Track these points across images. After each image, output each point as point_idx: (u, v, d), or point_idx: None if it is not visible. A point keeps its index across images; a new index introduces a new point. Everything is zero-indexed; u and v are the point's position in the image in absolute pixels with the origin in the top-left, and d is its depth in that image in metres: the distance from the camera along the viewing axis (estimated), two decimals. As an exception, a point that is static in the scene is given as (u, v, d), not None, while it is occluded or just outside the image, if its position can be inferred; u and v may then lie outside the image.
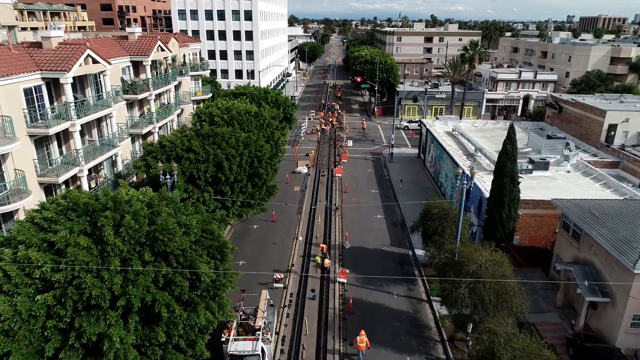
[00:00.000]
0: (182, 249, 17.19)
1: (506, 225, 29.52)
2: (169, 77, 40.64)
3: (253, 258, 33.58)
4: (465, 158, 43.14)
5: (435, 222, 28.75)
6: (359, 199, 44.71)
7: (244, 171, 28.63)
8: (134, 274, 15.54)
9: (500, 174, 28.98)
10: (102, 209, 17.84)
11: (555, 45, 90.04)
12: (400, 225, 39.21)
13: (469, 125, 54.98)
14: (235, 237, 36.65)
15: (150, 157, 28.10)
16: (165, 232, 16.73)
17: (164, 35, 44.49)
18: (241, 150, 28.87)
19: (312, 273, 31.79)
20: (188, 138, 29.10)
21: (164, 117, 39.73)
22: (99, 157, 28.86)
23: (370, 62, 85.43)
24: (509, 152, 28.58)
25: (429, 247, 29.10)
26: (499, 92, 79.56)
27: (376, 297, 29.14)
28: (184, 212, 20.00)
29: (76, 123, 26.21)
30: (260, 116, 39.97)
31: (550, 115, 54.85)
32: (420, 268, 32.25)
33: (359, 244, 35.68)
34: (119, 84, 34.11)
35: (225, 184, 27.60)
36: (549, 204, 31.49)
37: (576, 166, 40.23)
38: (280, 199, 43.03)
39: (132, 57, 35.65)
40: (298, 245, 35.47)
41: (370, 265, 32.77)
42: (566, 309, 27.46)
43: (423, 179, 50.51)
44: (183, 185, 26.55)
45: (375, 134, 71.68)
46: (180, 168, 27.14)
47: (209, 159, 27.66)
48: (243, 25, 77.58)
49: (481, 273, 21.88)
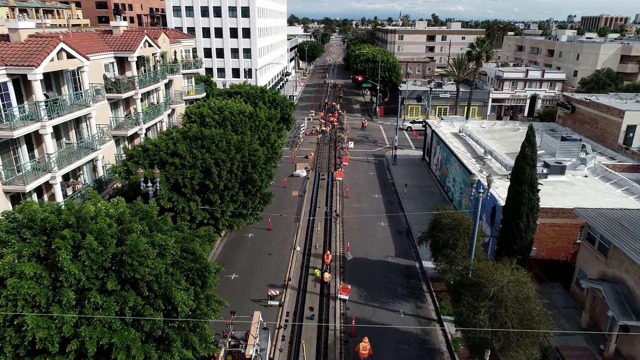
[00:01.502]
0: (155, 274, 14.51)
1: (524, 236, 26.81)
2: (157, 75, 37.94)
3: (246, 270, 30.89)
4: (474, 161, 40.41)
5: (446, 234, 26.07)
6: (361, 204, 42.00)
7: (236, 177, 25.93)
8: (91, 309, 12.85)
9: (518, 180, 26.26)
10: (63, 226, 15.16)
11: (563, 43, 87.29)
12: (406, 234, 36.50)
13: (476, 126, 52.27)
14: (228, 248, 33.96)
15: (131, 162, 25.40)
16: (134, 254, 14.04)
17: (152, 31, 41.81)
18: (232, 155, 26.17)
19: (311, 288, 29.09)
20: (174, 141, 26.41)
21: (152, 117, 37.04)
22: (76, 162, 26.12)
23: (371, 60, 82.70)
24: (528, 156, 25.87)
25: (439, 260, 26.47)
26: (505, 92, 76.84)
27: (381, 316, 26.44)
28: (162, 228, 17.33)
29: (47, 124, 23.49)
30: (255, 117, 37.29)
31: (561, 116, 52.14)
32: (429, 282, 29.54)
33: (361, 255, 32.98)
34: (101, 81, 31.43)
35: (213, 192, 24.89)
36: (569, 212, 28.80)
37: (594, 170, 37.51)
38: (277, 204, 40.37)
39: (116, 53, 32.95)
40: (296, 256, 32.77)
41: (374, 279, 30.07)
42: (593, 331, 24.74)
43: (428, 182, 47.80)
44: (167, 194, 23.86)
45: (377, 135, 68.97)
46: (164, 174, 24.46)
47: (196, 164, 24.95)
48: (240, 22, 74.90)
49: (503, 296, 19.19)
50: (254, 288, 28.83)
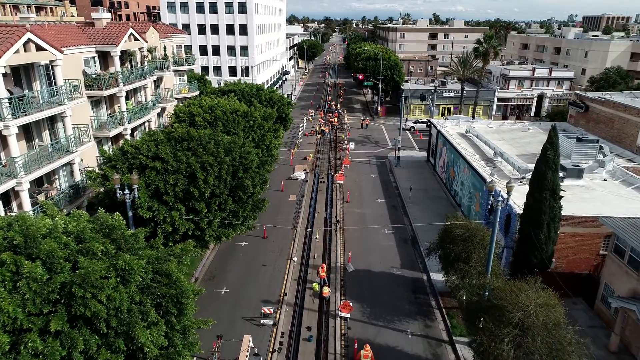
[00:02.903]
0: (115, 307, 11.90)
1: (544, 248, 24.19)
2: (144, 71, 35.32)
3: (238, 284, 28.28)
4: (483, 163, 37.78)
5: (458, 246, 23.42)
6: (363, 210, 39.37)
7: (225, 183, 23.30)
8: (29, 355, 10.24)
9: (538, 186, 23.63)
10: (8, 247, 12.57)
11: (570, 40, 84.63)
12: (412, 242, 33.87)
13: (483, 126, 49.61)
14: (220, 258, 31.35)
15: (108, 166, 22.79)
16: (86, 284, 11.43)
17: (140, 24, 39.22)
18: (222, 158, 23.55)
19: (309, 304, 26.47)
20: (156, 143, 23.78)
21: (139, 117, 34.41)
22: (47, 166, 23.50)
23: (373, 58, 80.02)
24: (550, 159, 23.23)
25: (450, 275, 23.87)
26: (511, 91, 74.22)
27: (386, 336, 23.81)
28: (132, 246, 14.72)
29: (11, 125, 20.86)
30: (249, 116, 34.70)
31: (573, 115, 49.47)
32: (438, 297, 26.91)
33: (363, 266, 30.36)
34: (80, 77, 28.82)
35: (199, 200, 22.26)
36: (592, 221, 26.26)
37: (613, 173, 34.88)
38: (274, 210, 37.79)
39: (97, 47, 30.34)
40: (292, 268, 30.16)
41: (378, 293, 27.45)
42: (623, 356, 22.14)
43: (434, 186, 45.17)
44: (146, 202, 21.24)
45: (379, 135, 66.32)
46: (143, 180, 21.84)
47: (180, 168, 22.33)
48: (237, 19, 72.28)
49: (530, 323, 16.58)
50: (245, 304, 26.22)
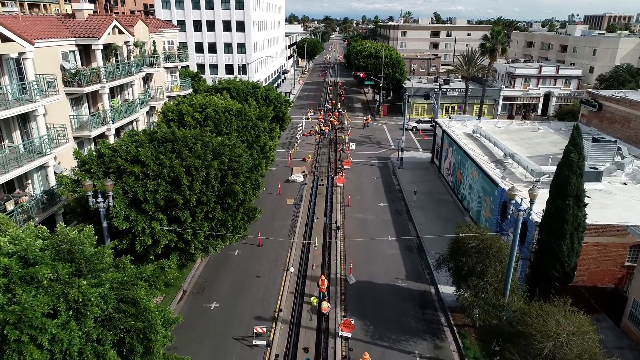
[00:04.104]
0: (63, 350, 9.55)
1: (566, 261, 21.84)
2: (131, 67, 32.96)
3: (230, 298, 25.92)
4: (493, 165, 35.41)
5: (472, 259, 21.11)
6: (365, 215, 37.00)
7: (212, 189, 20.95)
8: None
9: (561, 192, 21.25)
10: None
11: (577, 38, 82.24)
12: (417, 251, 31.50)
13: (491, 126, 47.21)
14: (210, 268, 29.00)
15: (81, 170, 20.44)
16: (24, 324, 9.07)
17: (127, 17, 36.89)
18: (209, 161, 21.20)
19: (306, 321, 24.11)
20: (137, 144, 21.43)
21: (125, 115, 32.08)
22: (15, 169, 21.17)
23: (374, 55, 77.62)
24: (574, 163, 20.87)
25: (463, 290, 21.56)
26: (516, 89, 71.81)
27: (391, 359, 21.47)
28: (95, 267, 12.37)
29: (-31, 123, 18.62)
30: (243, 115, 32.33)
31: (585, 115, 47.11)
32: (448, 314, 24.54)
33: (366, 278, 28.02)
34: (57, 72, 26.48)
35: (183, 208, 19.91)
36: (616, 229, 23.98)
37: (633, 176, 32.55)
38: (270, 215, 35.47)
39: (77, 40, 27.99)
40: (289, 279, 27.81)
41: (382, 309, 25.08)
42: (658, 383, 19.83)
43: (440, 189, 42.80)
44: (123, 212, 18.89)
45: (380, 135, 63.94)
46: (120, 186, 19.49)
47: (162, 173, 19.97)
48: (234, 15, 69.91)
49: (562, 354, 14.24)
50: (237, 321, 23.86)
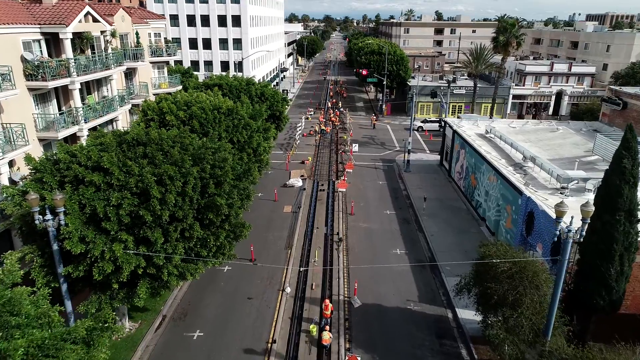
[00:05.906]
0: None
1: (614, 286, 18.28)
2: (109, 60, 29.42)
3: (216, 324, 22.37)
4: (512, 170, 31.85)
5: (503, 286, 17.57)
6: (370, 224, 33.42)
7: (190, 202, 17.39)
8: None
9: (609, 205, 17.66)
10: None
11: (589, 34, 78.66)
12: (430, 266, 27.96)
13: (504, 127, 43.63)
14: (195, 288, 25.42)
15: (31, 180, 16.88)
16: None
17: (107, 6, 33.36)
18: (188, 168, 17.66)
19: (304, 356, 20.54)
20: (101, 147, 17.87)
21: (101, 114, 28.54)
22: (-45, 178, 17.71)
23: (377, 52, 74.00)
24: (627, 170, 17.30)
25: (491, 323, 18.03)
26: (527, 87, 68.27)
27: (406, 405, 17.95)
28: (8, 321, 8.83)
29: None
30: (234, 114, 28.79)
31: (607, 114, 43.54)
32: (470, 346, 20.97)
33: (373, 299, 24.46)
34: (17, 64, 22.94)
35: (153, 227, 16.35)
36: (668, 247, 20.33)
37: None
38: (265, 225, 31.99)
39: (42, 27, 24.46)
40: (285, 302, 24.25)
41: (393, 339, 21.52)
42: None
43: (451, 194, 39.23)
44: (78, 231, 15.32)
45: (384, 135, 60.34)
46: (77, 199, 15.92)
47: (128, 182, 16.40)
48: (229, 9, 66.33)
49: None
50: (223, 355, 20.31)
